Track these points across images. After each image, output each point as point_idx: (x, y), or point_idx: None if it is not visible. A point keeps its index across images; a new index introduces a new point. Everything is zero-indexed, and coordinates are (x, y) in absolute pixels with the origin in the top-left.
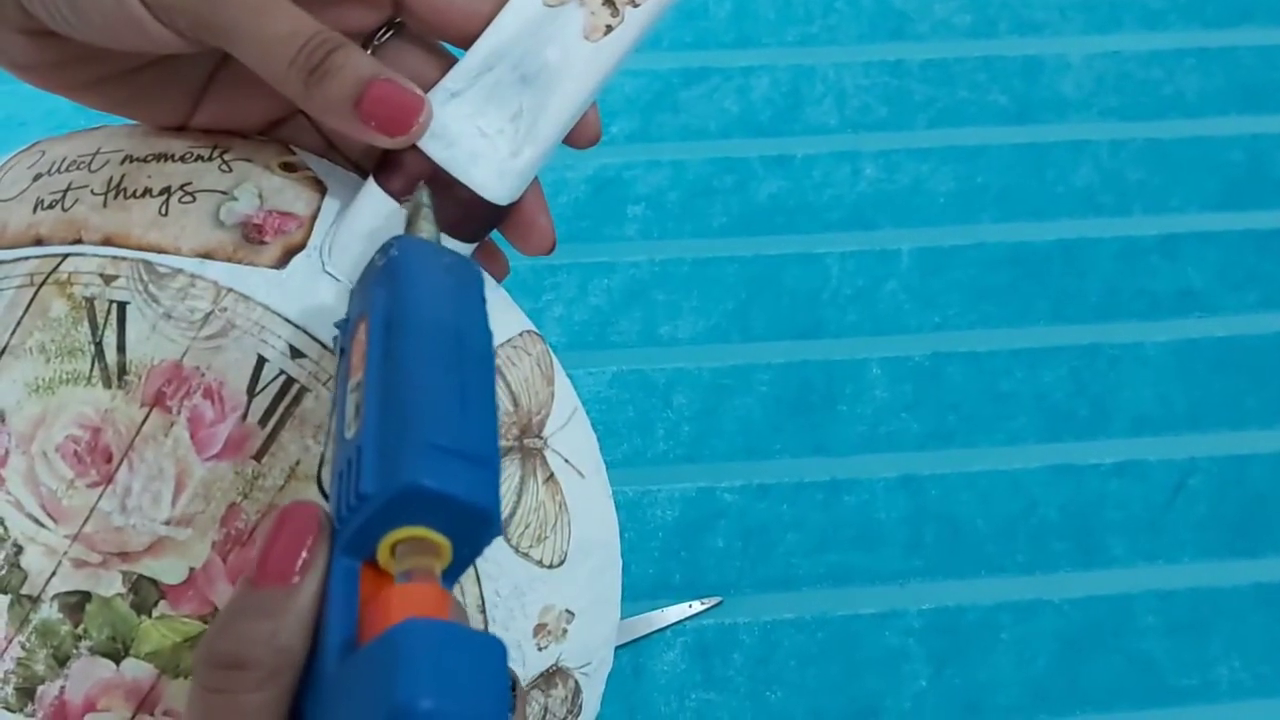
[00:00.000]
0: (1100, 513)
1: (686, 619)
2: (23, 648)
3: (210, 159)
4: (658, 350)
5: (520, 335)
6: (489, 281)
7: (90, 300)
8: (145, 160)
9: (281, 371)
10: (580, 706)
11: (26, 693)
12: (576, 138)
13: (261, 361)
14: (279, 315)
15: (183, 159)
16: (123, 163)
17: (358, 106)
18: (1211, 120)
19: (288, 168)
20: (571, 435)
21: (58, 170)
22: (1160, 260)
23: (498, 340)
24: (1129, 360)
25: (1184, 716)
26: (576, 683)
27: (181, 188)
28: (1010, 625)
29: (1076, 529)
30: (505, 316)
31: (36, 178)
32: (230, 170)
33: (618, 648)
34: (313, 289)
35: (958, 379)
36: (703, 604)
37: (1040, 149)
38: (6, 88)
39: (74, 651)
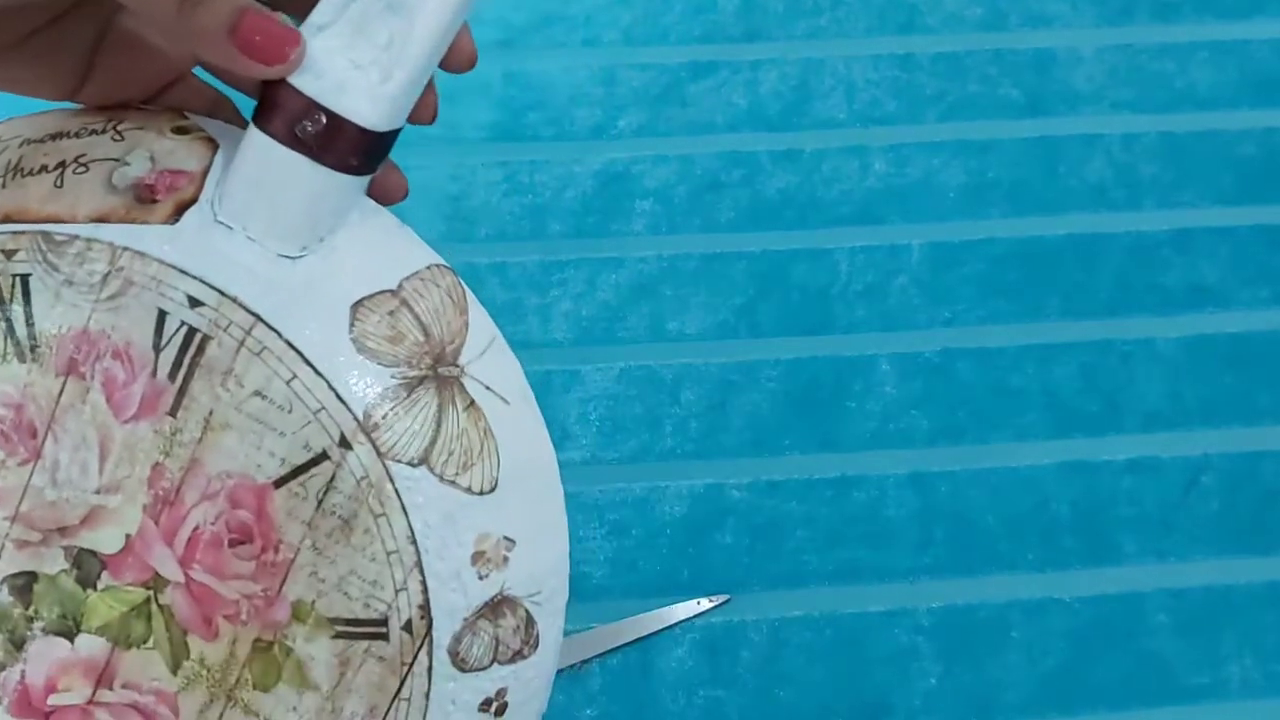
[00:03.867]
0: (1112, 510)
1: (694, 616)
2: None
3: (104, 132)
4: (665, 346)
5: (428, 268)
6: (395, 221)
7: None
8: (41, 141)
9: (183, 323)
10: (536, 638)
11: None
12: (452, 61)
13: (163, 315)
14: (174, 268)
15: (77, 135)
16: (20, 146)
17: (232, 35)
18: (1224, 114)
19: (180, 131)
20: (491, 363)
21: None
22: (1172, 255)
23: (404, 274)
24: (1141, 356)
25: (1195, 715)
26: (528, 612)
27: (76, 159)
28: (1021, 623)
29: (1088, 526)
30: (412, 251)
31: None
32: (123, 139)
33: (626, 645)
34: (206, 239)
35: (968, 375)
36: (711, 601)
37: (1052, 143)
38: None
39: (29, 633)
